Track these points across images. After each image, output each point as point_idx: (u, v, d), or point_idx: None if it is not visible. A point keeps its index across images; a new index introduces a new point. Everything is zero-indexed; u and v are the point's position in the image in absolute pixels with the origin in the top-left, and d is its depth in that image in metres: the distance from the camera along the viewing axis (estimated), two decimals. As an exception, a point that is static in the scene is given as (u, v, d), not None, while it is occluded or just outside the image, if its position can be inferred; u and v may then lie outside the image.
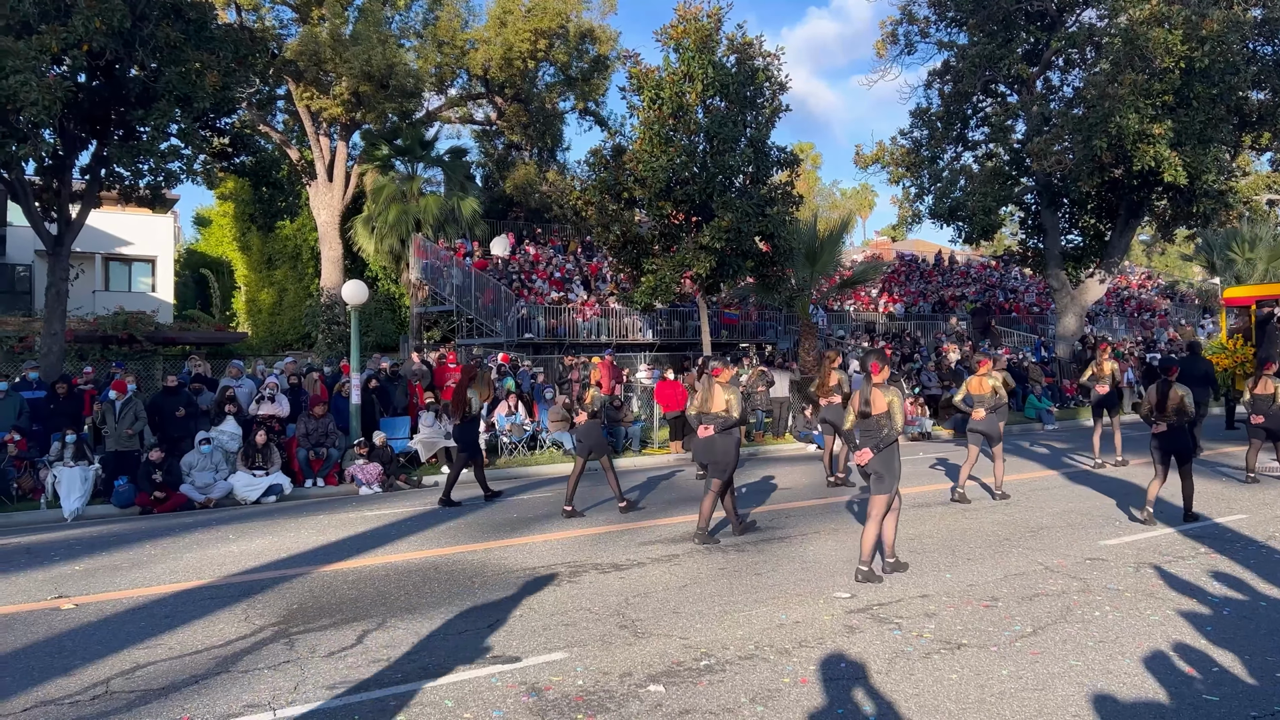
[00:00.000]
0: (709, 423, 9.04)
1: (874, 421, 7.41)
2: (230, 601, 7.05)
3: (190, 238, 48.21)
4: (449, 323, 29.25)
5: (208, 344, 26.98)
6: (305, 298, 33.69)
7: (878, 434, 7.37)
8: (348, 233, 30.70)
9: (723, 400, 9.05)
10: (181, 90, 14.34)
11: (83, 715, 4.79)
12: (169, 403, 14.50)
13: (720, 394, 9.09)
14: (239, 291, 40.25)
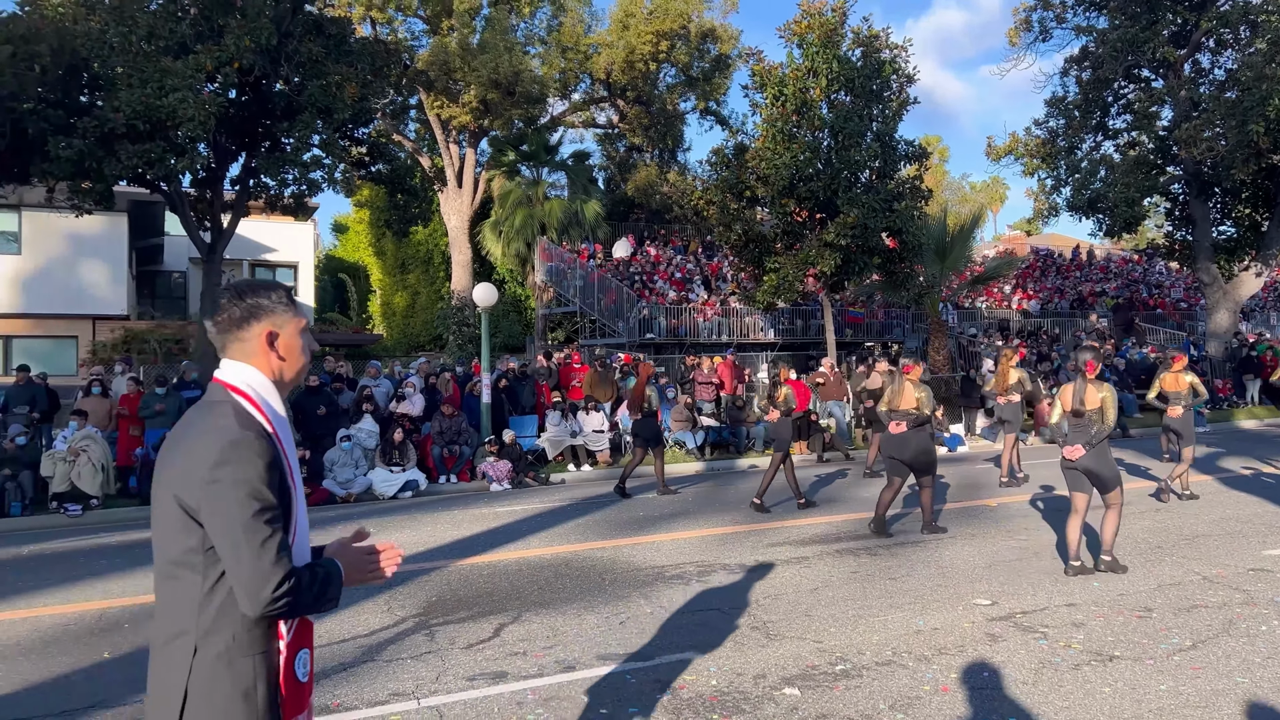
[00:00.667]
0: (900, 419, 9.18)
1: (1086, 418, 7.46)
2: (373, 593, 7.32)
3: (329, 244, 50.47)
4: (572, 324, 29.70)
5: (345, 345, 28.20)
6: (436, 301, 34.79)
7: (1088, 431, 7.40)
8: (476, 237, 31.54)
9: (913, 397, 9.19)
10: (323, 102, 15.04)
11: (243, 696, 5.05)
12: (311, 402, 15.19)
13: (911, 391, 9.23)
14: (374, 295, 41.89)
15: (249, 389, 2.21)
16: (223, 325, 2.25)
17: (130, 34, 13.81)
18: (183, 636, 2.11)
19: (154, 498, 2.19)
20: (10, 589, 7.92)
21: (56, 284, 24.61)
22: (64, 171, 13.95)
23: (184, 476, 2.09)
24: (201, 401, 2.26)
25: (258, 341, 2.26)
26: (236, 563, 2.04)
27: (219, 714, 2.08)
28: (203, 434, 2.12)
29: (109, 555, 9.49)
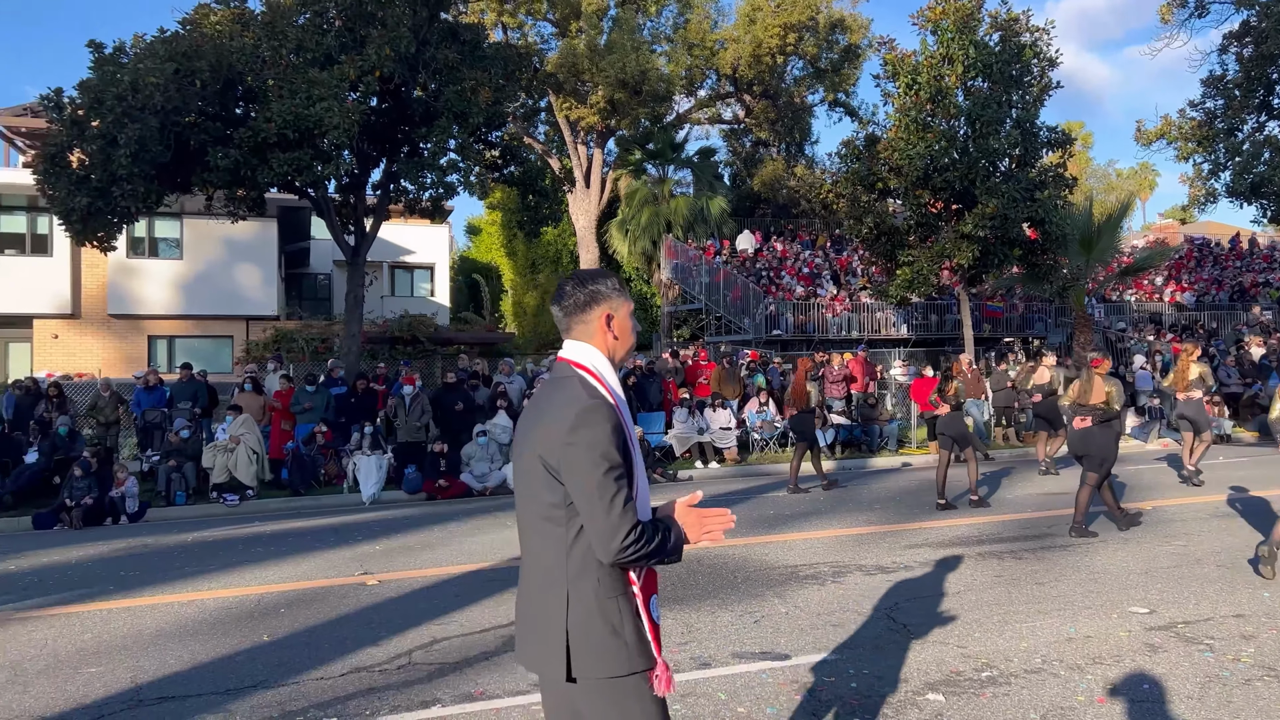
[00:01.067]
0: (1087, 414, 8.99)
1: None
2: (512, 584, 7.48)
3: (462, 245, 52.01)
4: (698, 321, 29.69)
5: (479, 344, 28.95)
6: (565, 299, 35.30)
7: None
8: (603, 236, 31.89)
9: (1103, 391, 8.97)
10: (458, 107, 15.46)
11: (390, 683, 5.23)
12: (449, 398, 15.68)
13: (1100, 385, 9.02)
14: (506, 295, 42.92)
15: (591, 365, 2.51)
16: (569, 309, 2.56)
17: (280, 47, 14.54)
18: (555, 583, 2.42)
19: (517, 461, 2.53)
20: (177, 573, 8.45)
21: (214, 287, 26.17)
22: (221, 180, 14.80)
23: (546, 440, 2.39)
24: (552, 377, 2.57)
25: (598, 323, 2.55)
26: (591, 516, 2.32)
27: (596, 649, 2.37)
28: (559, 404, 2.41)
29: (264, 543, 10.01)
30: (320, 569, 8.39)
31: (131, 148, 13.66)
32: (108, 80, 13.84)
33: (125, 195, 14.37)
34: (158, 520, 12.75)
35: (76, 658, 5.85)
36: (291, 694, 5.08)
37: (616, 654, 2.37)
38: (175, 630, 6.45)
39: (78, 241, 15.80)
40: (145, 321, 26.13)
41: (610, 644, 2.37)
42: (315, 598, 7.26)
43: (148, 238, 25.73)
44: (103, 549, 10.01)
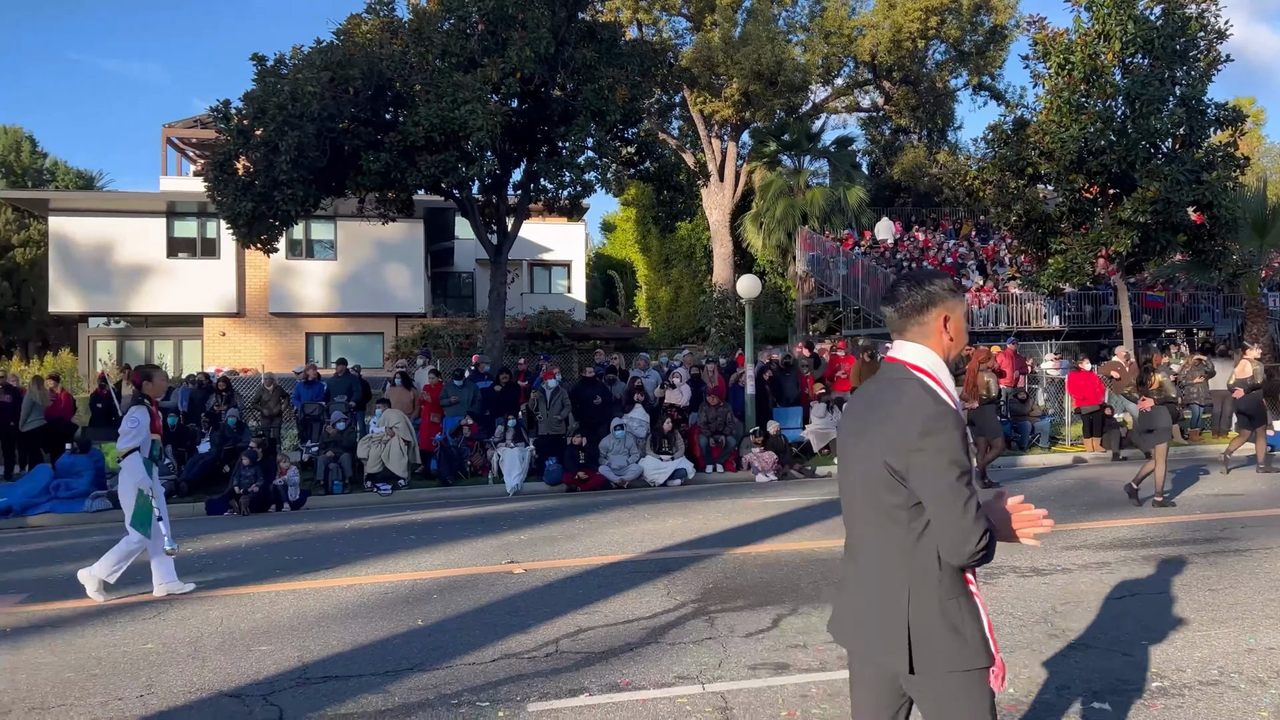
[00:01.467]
0: None
1: None
2: (652, 576, 7.53)
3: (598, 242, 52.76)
4: (835, 314, 29.16)
5: (614, 339, 29.32)
6: (699, 294, 35.38)
7: None
8: (737, 230, 31.73)
9: None
10: (596, 106, 15.67)
11: (540, 670, 5.35)
12: (587, 392, 15.92)
13: None
14: (640, 290, 43.30)
15: (930, 368, 2.52)
16: (905, 310, 2.57)
17: (427, 53, 15.09)
18: (895, 579, 2.48)
19: (849, 457, 2.61)
20: (338, 559, 8.88)
21: (365, 286, 27.43)
22: (373, 183, 15.49)
23: (891, 443, 2.43)
24: (885, 378, 2.59)
25: (934, 324, 2.56)
26: (944, 520, 2.35)
27: (938, 645, 2.42)
28: (905, 408, 2.44)
29: (415, 531, 10.41)
30: (469, 557, 8.66)
31: (291, 154, 14.46)
32: (269, 91, 14.68)
33: (286, 199, 15.21)
34: (317, 508, 13.44)
35: (249, 636, 6.23)
36: (446, 677, 5.26)
37: (959, 651, 2.42)
38: (336, 613, 6.78)
39: (243, 244, 16.82)
40: (303, 319, 27.63)
41: (952, 642, 2.42)
42: (465, 584, 7.50)
43: (305, 240, 27.17)
44: (268, 534, 10.63)
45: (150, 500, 7.31)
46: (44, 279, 31.14)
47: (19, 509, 13.11)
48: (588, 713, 4.69)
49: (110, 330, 27.73)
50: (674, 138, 31.70)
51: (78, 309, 26.98)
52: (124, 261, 26.54)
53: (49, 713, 4.89)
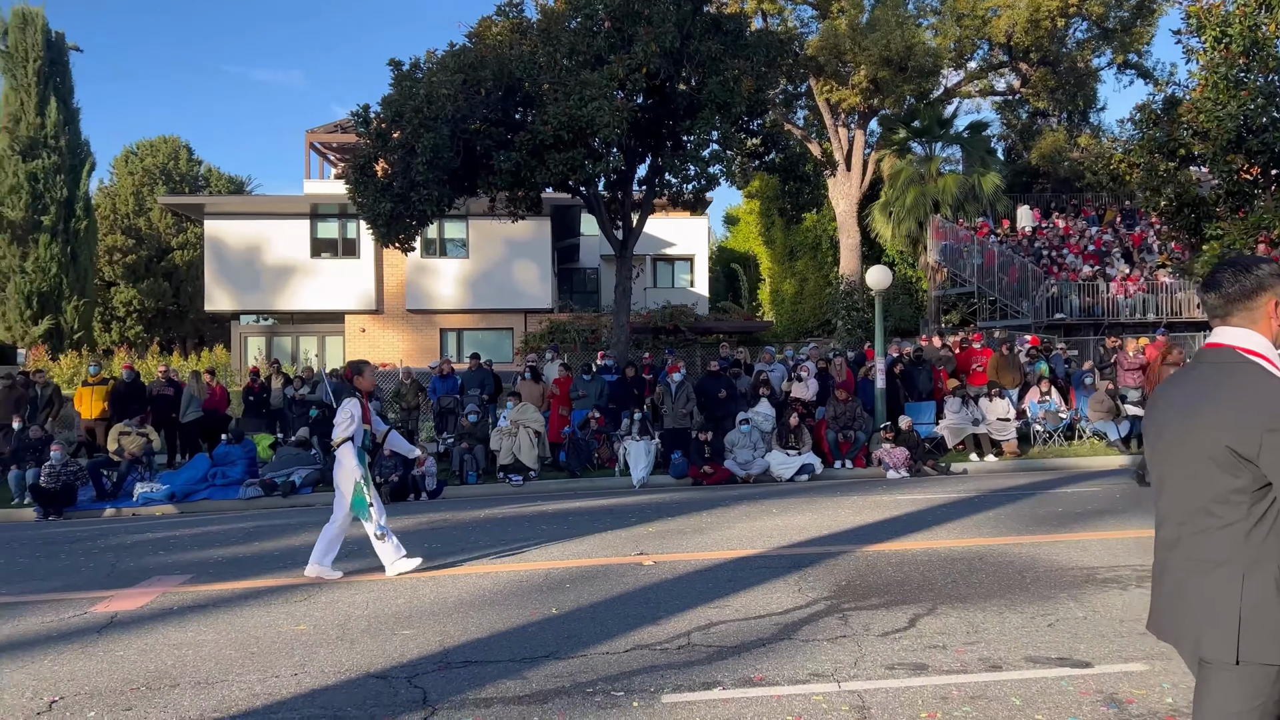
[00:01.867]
0: None
1: None
2: (782, 572, 7.46)
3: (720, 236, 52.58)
4: (968, 305, 28.22)
5: (737, 332, 29.20)
6: (824, 286, 34.84)
7: None
8: (865, 220, 31.07)
9: None
10: (721, 98, 15.62)
11: (672, 662, 5.37)
12: (712, 385, 15.90)
13: None
14: (763, 283, 42.94)
15: (1263, 351, 2.55)
16: (1232, 296, 2.60)
17: (555, 52, 15.35)
18: (1227, 566, 2.46)
19: (1173, 447, 2.59)
20: (475, 547, 9.14)
21: (496, 283, 28.15)
22: (504, 182, 15.87)
23: (1236, 427, 2.42)
24: (1213, 363, 2.61)
25: (1264, 309, 2.59)
26: None
27: (1269, 634, 2.40)
28: (1250, 392, 2.45)
29: (546, 521, 10.62)
30: (599, 548, 8.78)
31: (427, 155, 14.95)
32: (406, 95, 15.23)
33: (422, 200, 15.74)
34: (453, 497, 13.88)
35: (393, 620, 6.48)
36: (580, 666, 5.35)
37: None
38: (474, 600, 6.98)
39: (383, 243, 17.50)
40: (437, 315, 28.56)
41: None
42: (596, 575, 7.61)
43: (439, 239, 28.06)
44: (408, 522, 11.02)
45: (364, 488, 7.69)
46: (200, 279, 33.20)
47: (181, 495, 14.02)
48: (722, 706, 4.68)
49: (260, 327, 29.33)
50: (799, 128, 31.25)
51: (230, 307, 28.63)
52: (271, 262, 28.01)
53: (213, 687, 5.20)
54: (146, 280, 41.43)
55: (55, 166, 34.23)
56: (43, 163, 33.92)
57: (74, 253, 34.88)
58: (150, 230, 42.73)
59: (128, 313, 41.45)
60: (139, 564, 8.90)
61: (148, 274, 41.75)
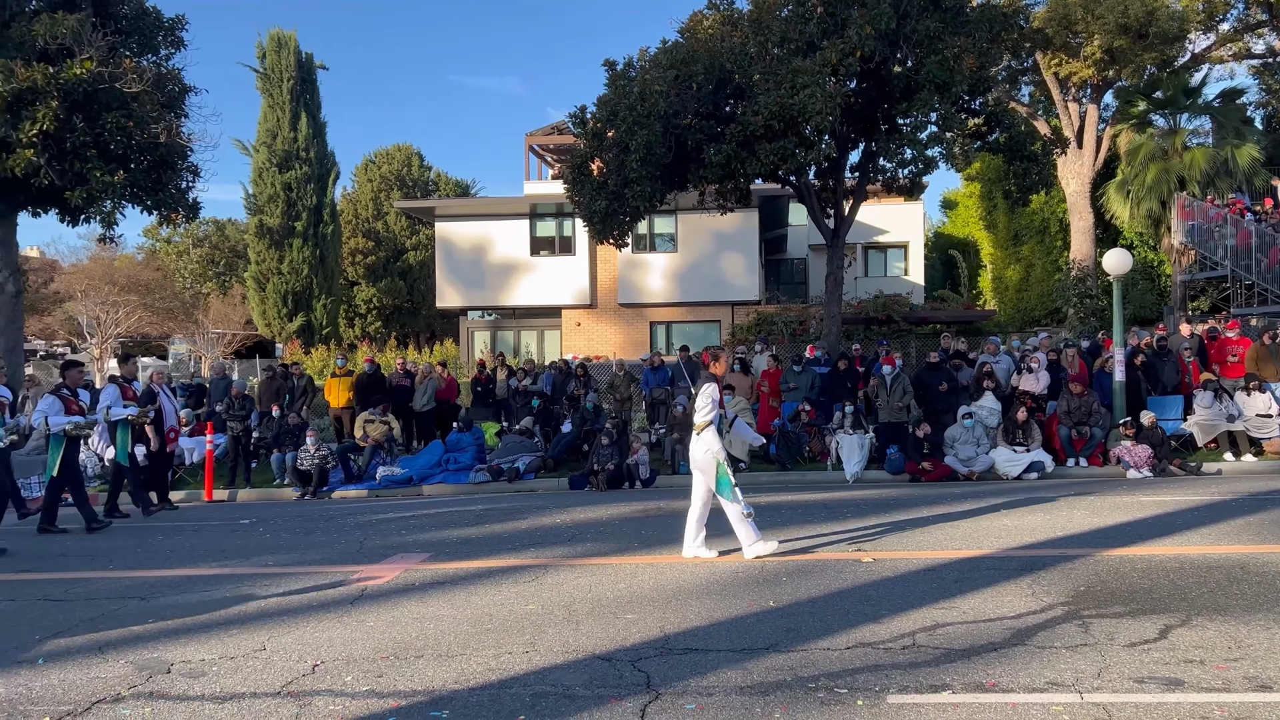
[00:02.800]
0: None
1: None
2: (1013, 574, 7.08)
3: (936, 221, 50.50)
4: (1220, 290, 25.66)
5: (956, 322, 27.91)
6: (1053, 272, 32.76)
7: None
8: (1099, 200, 28.91)
9: None
10: (940, 78, 14.98)
11: (896, 662, 5.22)
12: (931, 378, 15.32)
13: None
14: (984, 270, 40.89)
15: None
16: None
17: (766, 42, 15.24)
18: None
19: None
20: (688, 535, 9.25)
21: (703, 276, 28.35)
22: (714, 175, 15.94)
23: None
24: None
25: None
26: None
27: None
28: None
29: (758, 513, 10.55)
30: (814, 542, 8.66)
31: (640, 152, 15.26)
32: (620, 94, 15.60)
33: (635, 196, 16.09)
34: (665, 486, 14.14)
35: (615, 604, 6.67)
36: (801, 660, 5.30)
37: None
38: (692, 588, 7.07)
39: (598, 240, 18.04)
40: (647, 309, 29.13)
41: None
42: (813, 569, 7.51)
43: (649, 234, 28.59)
44: (625, 509, 11.34)
45: (725, 469, 8.01)
46: (431, 278, 35.50)
47: (418, 479, 15.06)
48: (951, 711, 4.50)
49: (485, 322, 30.98)
50: (1024, 105, 29.48)
51: (458, 303, 30.41)
52: (495, 260, 29.51)
53: (453, 659, 5.55)
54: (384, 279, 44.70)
55: (306, 176, 37.58)
56: (295, 173, 37.32)
57: (322, 255, 38.18)
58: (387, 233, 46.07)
59: (368, 309, 44.90)
60: (384, 542, 9.63)
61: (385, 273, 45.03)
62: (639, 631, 5.96)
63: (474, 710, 4.71)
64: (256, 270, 37.79)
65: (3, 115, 15.96)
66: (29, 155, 16.29)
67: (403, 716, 4.66)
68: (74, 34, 16.44)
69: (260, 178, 37.60)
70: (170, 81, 18.90)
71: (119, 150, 17.24)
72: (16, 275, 19.24)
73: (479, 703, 4.81)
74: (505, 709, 4.71)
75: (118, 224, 19.59)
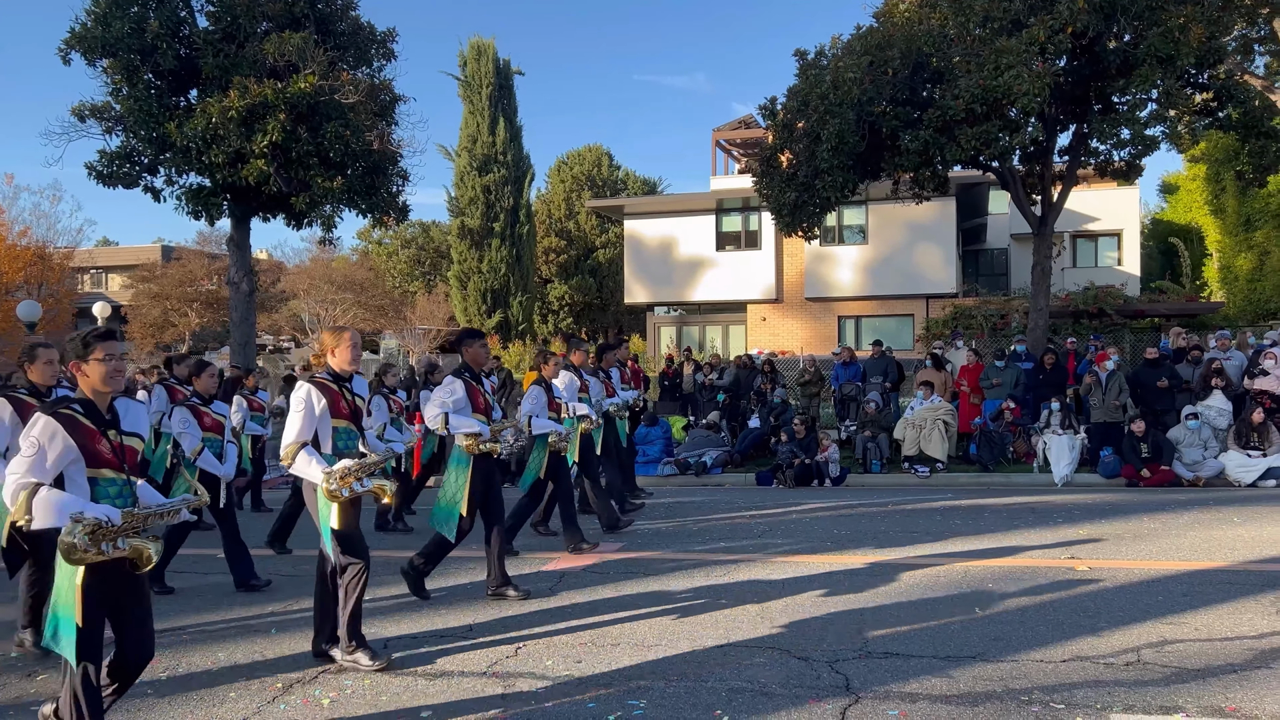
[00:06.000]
0: None
1: None
2: (1252, 590, 6.44)
3: (1154, 207, 46.83)
4: None
5: (1177, 315, 25.72)
6: (1292, 260, 29.67)
7: None
8: (1350, 179, 25.89)
9: None
10: (1163, 51, 13.80)
11: (1119, 679, 4.84)
12: (1150, 375, 14.20)
13: None
14: (1210, 259, 37.51)
15: None
16: None
17: (967, 22, 14.53)
18: None
19: None
20: (884, 538, 9.00)
21: (895, 268, 27.45)
22: (910, 163, 15.36)
23: None
24: None
25: None
26: None
27: None
28: None
29: (959, 516, 10.15)
30: (1022, 548, 8.20)
31: (832, 142, 14.92)
32: (811, 83, 15.30)
33: (826, 187, 15.76)
34: (856, 486, 13.79)
35: (809, 604, 6.54)
36: (1012, 671, 5.01)
37: None
38: (890, 591, 6.84)
39: (786, 233, 17.79)
40: (835, 303, 28.52)
41: None
42: (1022, 577, 7.10)
43: (837, 226, 27.98)
44: (814, 507, 11.14)
45: None
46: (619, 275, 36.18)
47: (608, 470, 15.35)
48: (1186, 736, 4.13)
49: (671, 318, 31.28)
50: (1260, 77, 26.77)
51: (645, 300, 30.83)
52: (681, 256, 29.71)
53: (649, 649, 5.60)
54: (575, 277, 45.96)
55: (503, 179, 39.15)
56: (494, 176, 38.95)
57: (518, 254, 39.68)
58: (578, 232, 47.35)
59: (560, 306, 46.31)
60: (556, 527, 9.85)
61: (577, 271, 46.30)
62: (835, 633, 5.81)
63: (671, 702, 4.73)
64: (458, 269, 39.73)
65: (238, 128, 17.48)
66: (260, 165, 17.77)
67: (602, 704, 4.74)
68: (299, 51, 17.79)
69: (462, 181, 39.47)
70: (382, 91, 20.12)
71: (338, 158, 18.51)
72: (250, 276, 21.05)
73: (676, 695, 4.83)
74: (702, 702, 4.71)
75: (336, 227, 21.06)
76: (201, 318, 44.85)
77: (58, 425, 3.88)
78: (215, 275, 43.69)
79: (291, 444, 5.29)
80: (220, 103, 17.42)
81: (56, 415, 3.92)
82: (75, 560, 3.74)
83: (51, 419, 3.89)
